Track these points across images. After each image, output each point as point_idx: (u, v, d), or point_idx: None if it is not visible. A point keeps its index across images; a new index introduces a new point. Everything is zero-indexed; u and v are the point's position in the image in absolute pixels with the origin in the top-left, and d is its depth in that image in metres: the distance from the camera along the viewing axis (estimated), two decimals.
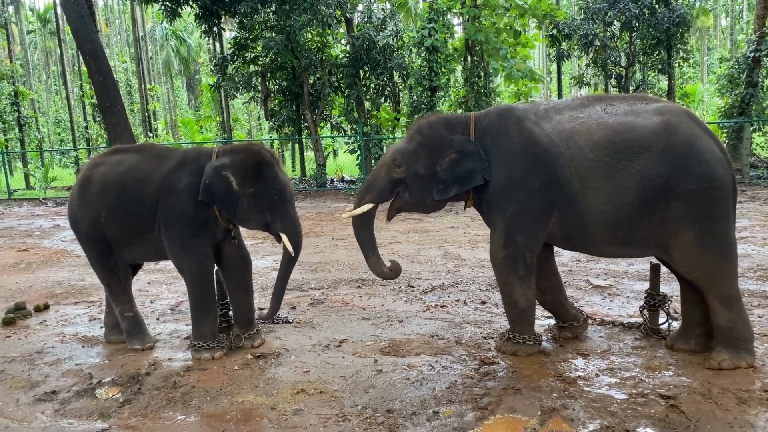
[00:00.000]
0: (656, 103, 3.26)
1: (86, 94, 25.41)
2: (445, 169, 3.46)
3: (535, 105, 3.52)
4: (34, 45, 43.91)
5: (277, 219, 3.66)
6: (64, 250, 8.12)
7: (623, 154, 3.12)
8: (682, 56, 16.08)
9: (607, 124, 3.19)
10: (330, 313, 4.64)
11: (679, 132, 3.10)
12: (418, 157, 3.53)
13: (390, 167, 3.60)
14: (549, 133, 3.29)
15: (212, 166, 3.58)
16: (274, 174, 3.64)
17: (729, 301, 3.20)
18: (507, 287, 3.50)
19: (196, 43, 39.91)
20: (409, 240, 7.85)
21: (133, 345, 3.95)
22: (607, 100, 3.34)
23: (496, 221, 3.45)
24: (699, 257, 3.14)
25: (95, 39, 11.96)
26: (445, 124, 3.56)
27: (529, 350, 3.54)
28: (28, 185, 21.25)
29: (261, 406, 3.03)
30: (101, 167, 3.88)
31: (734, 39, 31.70)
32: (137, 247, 3.86)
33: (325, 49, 16.31)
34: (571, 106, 3.39)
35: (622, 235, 3.24)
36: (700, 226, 3.10)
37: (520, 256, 3.39)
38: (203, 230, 3.67)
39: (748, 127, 13.67)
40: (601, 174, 3.15)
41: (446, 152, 3.46)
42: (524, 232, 3.37)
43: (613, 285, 5.10)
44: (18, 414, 3.09)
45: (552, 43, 17.11)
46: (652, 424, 2.67)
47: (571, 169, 3.21)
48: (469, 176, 3.42)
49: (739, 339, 3.20)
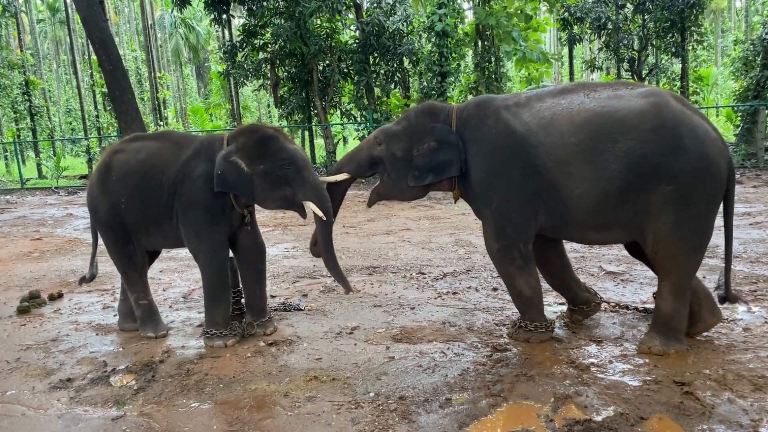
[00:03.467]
0: (641, 88, 3.19)
1: (96, 83, 25.48)
2: (421, 155, 3.48)
3: (516, 94, 3.49)
4: (44, 34, 44.00)
5: (297, 188, 3.59)
6: (77, 239, 8.18)
7: (605, 137, 3.04)
8: (696, 39, 15.87)
9: (589, 108, 3.12)
10: (341, 300, 4.64)
11: (669, 110, 3.02)
12: (399, 139, 3.55)
13: (372, 144, 3.64)
14: (527, 122, 3.25)
15: (220, 155, 3.57)
16: (280, 145, 3.59)
17: (680, 291, 3.19)
18: (508, 278, 3.51)
19: (205, 31, 39.82)
20: (420, 227, 7.83)
21: (146, 333, 3.98)
22: (591, 86, 3.27)
23: (485, 215, 3.46)
24: (672, 244, 3.10)
25: (105, 27, 11.94)
26: (429, 113, 3.56)
27: (542, 337, 3.53)
28: (40, 174, 21.41)
29: (274, 393, 3.04)
30: (121, 154, 3.89)
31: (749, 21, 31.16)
32: (155, 234, 3.87)
33: (335, 36, 16.20)
34: (553, 93, 3.34)
35: (606, 220, 3.19)
36: (682, 212, 3.03)
37: (515, 246, 3.39)
38: (219, 218, 3.67)
39: (763, 111, 13.46)
40: (584, 159, 3.08)
41: (425, 139, 3.48)
42: (513, 223, 3.36)
43: (626, 271, 5.07)
44: (34, 401, 3.12)
45: (563, 27, 16.95)
46: (666, 411, 2.65)
47: (551, 156, 3.15)
48: (445, 166, 3.43)
49: (675, 329, 3.23)
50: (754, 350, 3.25)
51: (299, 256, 6.39)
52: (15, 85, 22.54)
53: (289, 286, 5.17)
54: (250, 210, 3.82)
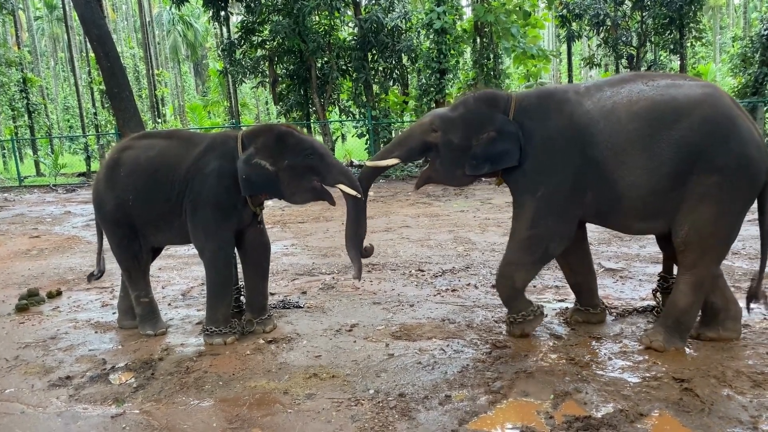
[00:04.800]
0: (699, 81, 3.22)
1: (94, 80, 25.40)
2: (481, 145, 3.40)
3: (575, 85, 3.46)
4: (41, 31, 43.88)
5: (325, 174, 3.60)
6: (75, 237, 8.17)
7: (662, 123, 3.04)
8: (695, 35, 15.84)
9: (649, 95, 3.13)
10: (341, 297, 4.64)
11: (721, 105, 3.04)
12: (457, 127, 3.46)
13: (426, 130, 3.55)
14: (589, 110, 3.22)
15: (242, 160, 3.56)
16: (298, 138, 3.62)
17: (699, 287, 3.19)
18: (513, 267, 3.46)
19: (204, 28, 39.73)
20: (419, 224, 7.83)
21: (145, 331, 3.98)
22: (650, 76, 3.28)
23: (525, 201, 3.39)
24: (705, 237, 3.09)
25: (102, 25, 11.91)
26: (489, 101, 3.49)
27: (536, 323, 3.55)
28: (38, 172, 21.37)
29: (274, 391, 3.04)
30: (131, 151, 3.88)
31: (747, 17, 31.17)
32: (163, 230, 3.87)
33: (333, 33, 16.16)
34: (611, 82, 3.32)
35: (653, 208, 3.17)
36: (720, 206, 3.04)
37: (545, 240, 3.35)
38: (229, 215, 3.67)
39: (762, 107, 13.48)
40: (639, 146, 3.08)
41: (485, 128, 3.40)
42: (555, 214, 3.32)
43: (625, 268, 5.07)
44: (33, 399, 3.12)
45: (562, 24, 16.90)
46: (665, 408, 2.66)
47: (608, 144, 3.14)
48: (504, 156, 3.36)
49: (683, 324, 3.24)
50: (753, 347, 3.26)
51: (298, 253, 6.38)
52: (12, 82, 22.51)
53: (288, 284, 5.17)
54: (262, 208, 3.82)
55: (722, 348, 3.26)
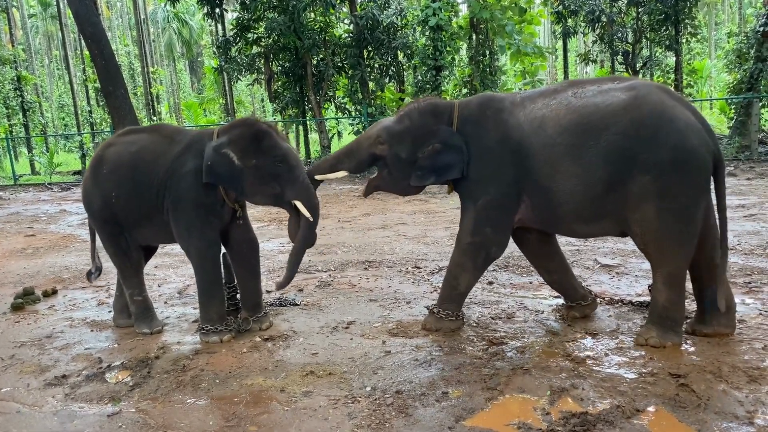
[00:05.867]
0: (626, 82, 3.24)
1: (89, 78, 25.27)
2: (426, 157, 3.50)
3: (513, 94, 3.55)
4: (35, 29, 43.71)
5: (287, 186, 3.58)
6: (70, 235, 8.14)
7: (589, 134, 3.12)
8: (690, 31, 15.89)
9: (574, 108, 3.20)
10: (337, 295, 4.64)
11: (647, 103, 3.07)
12: (403, 140, 3.55)
13: (373, 143, 3.63)
14: (521, 123, 3.32)
15: (211, 146, 3.55)
16: (274, 142, 3.58)
17: (674, 282, 3.20)
18: (459, 269, 3.58)
19: (199, 26, 39.65)
20: (415, 221, 7.83)
21: (141, 329, 3.97)
22: (580, 84, 3.34)
23: (468, 208, 3.52)
24: (658, 235, 3.12)
25: (97, 22, 11.87)
26: (433, 112, 3.57)
27: (452, 326, 3.65)
28: (33, 170, 21.29)
29: (270, 389, 3.04)
30: (114, 147, 3.87)
31: (743, 13, 31.19)
32: (147, 228, 3.86)
33: (329, 29, 16.14)
34: (544, 93, 3.40)
35: (593, 212, 3.25)
36: (662, 201, 3.06)
37: (485, 247, 3.49)
38: (210, 213, 3.66)
39: (757, 103, 13.51)
40: (570, 158, 3.17)
41: (430, 141, 3.49)
42: (492, 224, 3.45)
43: (621, 264, 5.08)
44: (29, 398, 3.11)
45: (557, 20, 16.92)
46: (662, 403, 2.66)
47: (541, 157, 3.24)
48: (448, 169, 3.47)
49: (671, 319, 3.25)
50: (749, 342, 3.27)
51: None
52: (7, 80, 22.41)
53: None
54: (241, 204, 3.80)
55: (718, 343, 3.26)
